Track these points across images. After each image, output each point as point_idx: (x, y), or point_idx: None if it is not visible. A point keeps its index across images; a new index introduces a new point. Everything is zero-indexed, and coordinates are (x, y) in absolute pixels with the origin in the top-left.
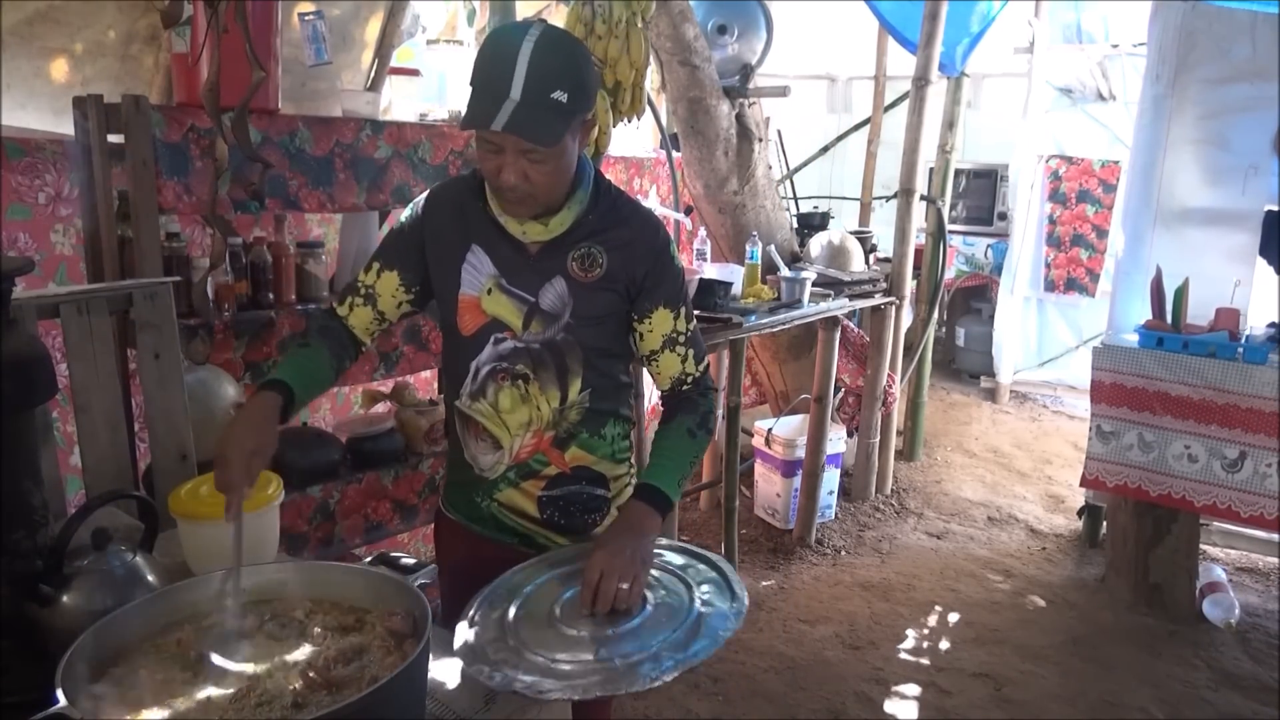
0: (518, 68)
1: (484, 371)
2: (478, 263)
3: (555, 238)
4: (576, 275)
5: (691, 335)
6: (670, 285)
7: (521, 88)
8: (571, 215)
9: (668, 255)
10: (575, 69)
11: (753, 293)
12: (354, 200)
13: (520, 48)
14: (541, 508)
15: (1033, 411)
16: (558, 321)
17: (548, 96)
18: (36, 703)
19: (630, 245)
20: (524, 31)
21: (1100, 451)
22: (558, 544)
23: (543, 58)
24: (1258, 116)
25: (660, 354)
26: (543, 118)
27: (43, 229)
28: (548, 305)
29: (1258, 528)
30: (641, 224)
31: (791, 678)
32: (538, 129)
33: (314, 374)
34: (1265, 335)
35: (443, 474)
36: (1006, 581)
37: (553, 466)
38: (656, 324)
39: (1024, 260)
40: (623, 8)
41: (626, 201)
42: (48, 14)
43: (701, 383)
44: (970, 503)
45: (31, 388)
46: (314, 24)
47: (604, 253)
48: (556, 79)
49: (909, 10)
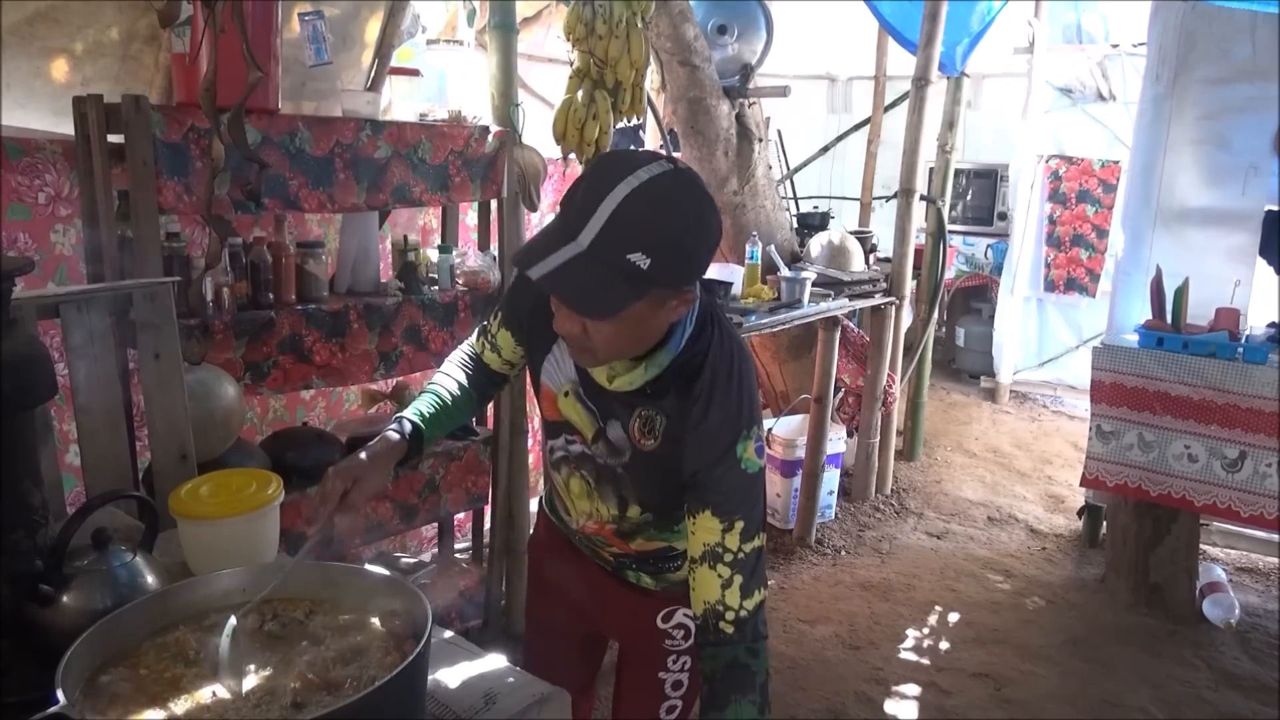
0: (600, 210)
1: (559, 454)
2: (560, 361)
3: (621, 393)
4: (634, 436)
5: (746, 560)
6: (723, 492)
7: (594, 237)
8: (644, 377)
9: (730, 454)
10: (675, 231)
11: (753, 293)
12: (354, 200)
13: (616, 187)
14: (619, 562)
15: (1033, 411)
16: (618, 458)
17: (623, 257)
18: (36, 703)
19: (693, 428)
20: (634, 167)
21: (1100, 451)
22: (645, 582)
23: (636, 207)
24: (1258, 116)
25: (699, 567)
26: (604, 280)
27: (43, 229)
28: (612, 437)
29: (1258, 528)
30: (714, 408)
31: (791, 678)
32: (590, 294)
33: (451, 404)
34: (1265, 335)
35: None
36: (1006, 581)
37: (616, 548)
38: (700, 527)
39: (1024, 260)
40: (623, 8)
41: (711, 370)
42: (48, 14)
43: (747, 627)
44: (970, 503)
45: (31, 388)
46: (314, 24)
47: (662, 425)
48: (643, 238)
49: (909, 10)
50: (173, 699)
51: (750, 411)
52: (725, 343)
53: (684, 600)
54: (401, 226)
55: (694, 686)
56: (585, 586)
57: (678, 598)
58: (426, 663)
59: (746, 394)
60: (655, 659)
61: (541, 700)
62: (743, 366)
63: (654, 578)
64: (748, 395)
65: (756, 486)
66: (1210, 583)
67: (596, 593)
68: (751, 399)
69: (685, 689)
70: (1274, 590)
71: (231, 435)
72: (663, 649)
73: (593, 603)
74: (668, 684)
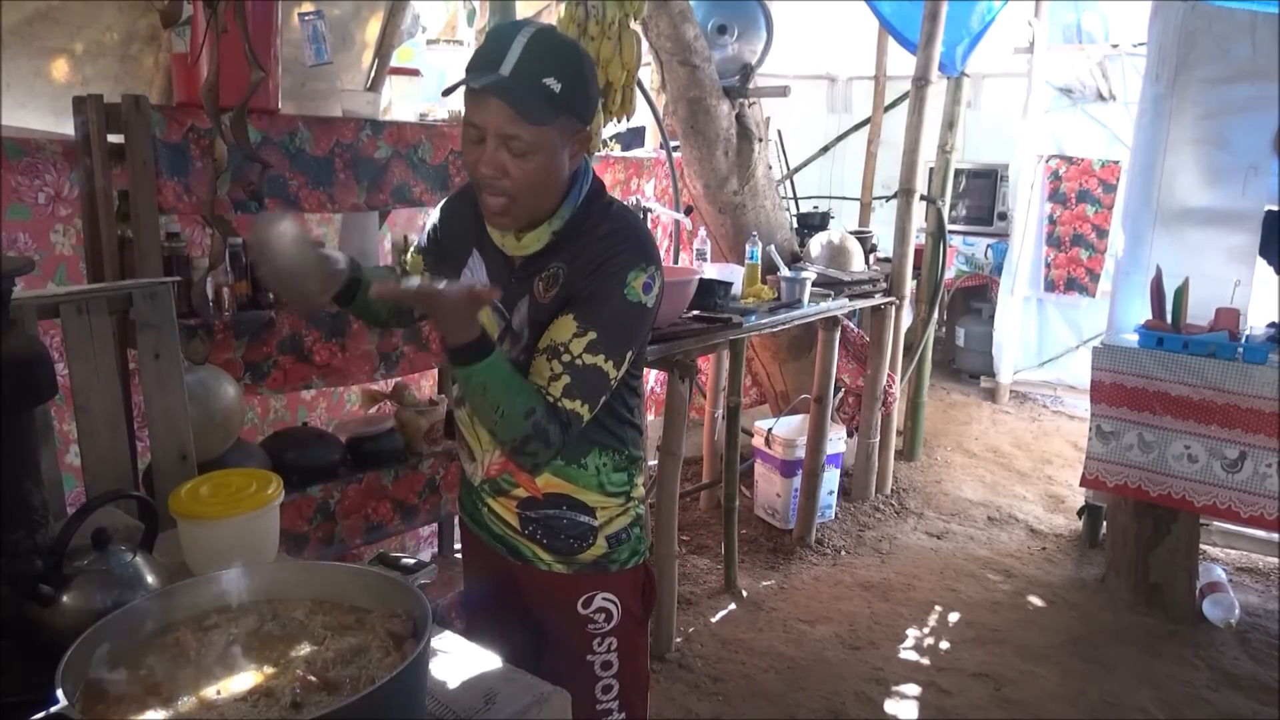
0: (513, 46)
1: None
2: (474, 269)
3: (530, 254)
4: (537, 295)
5: (582, 369)
6: (594, 304)
7: (513, 66)
8: (548, 231)
9: (618, 278)
10: (574, 65)
11: (753, 293)
12: (354, 200)
13: (520, 30)
14: (523, 524)
15: (1033, 411)
16: (519, 344)
17: (539, 80)
18: (36, 703)
19: (592, 259)
20: (526, 22)
21: (1100, 451)
22: (543, 560)
23: (541, 44)
24: (1258, 116)
25: (538, 356)
26: (530, 97)
27: (43, 229)
28: (515, 325)
29: (1258, 528)
30: (614, 241)
31: (791, 678)
32: (524, 102)
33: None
34: (1265, 335)
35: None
36: (1006, 581)
37: (522, 489)
38: (556, 326)
39: (1024, 260)
40: (615, 8)
41: (612, 218)
42: (48, 14)
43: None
44: (970, 503)
45: (31, 388)
46: (314, 24)
47: (565, 270)
48: (551, 67)
49: (909, 10)
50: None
51: (650, 251)
52: (621, 206)
53: (601, 584)
54: (401, 226)
55: (624, 668)
56: (506, 579)
57: (595, 581)
58: (426, 663)
59: (647, 238)
60: (581, 643)
61: (541, 700)
62: (639, 221)
63: (564, 560)
64: (648, 239)
65: (629, 317)
66: (1210, 583)
67: (519, 583)
68: (652, 244)
69: (616, 669)
70: (1274, 590)
71: (231, 435)
72: (587, 633)
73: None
74: (597, 665)
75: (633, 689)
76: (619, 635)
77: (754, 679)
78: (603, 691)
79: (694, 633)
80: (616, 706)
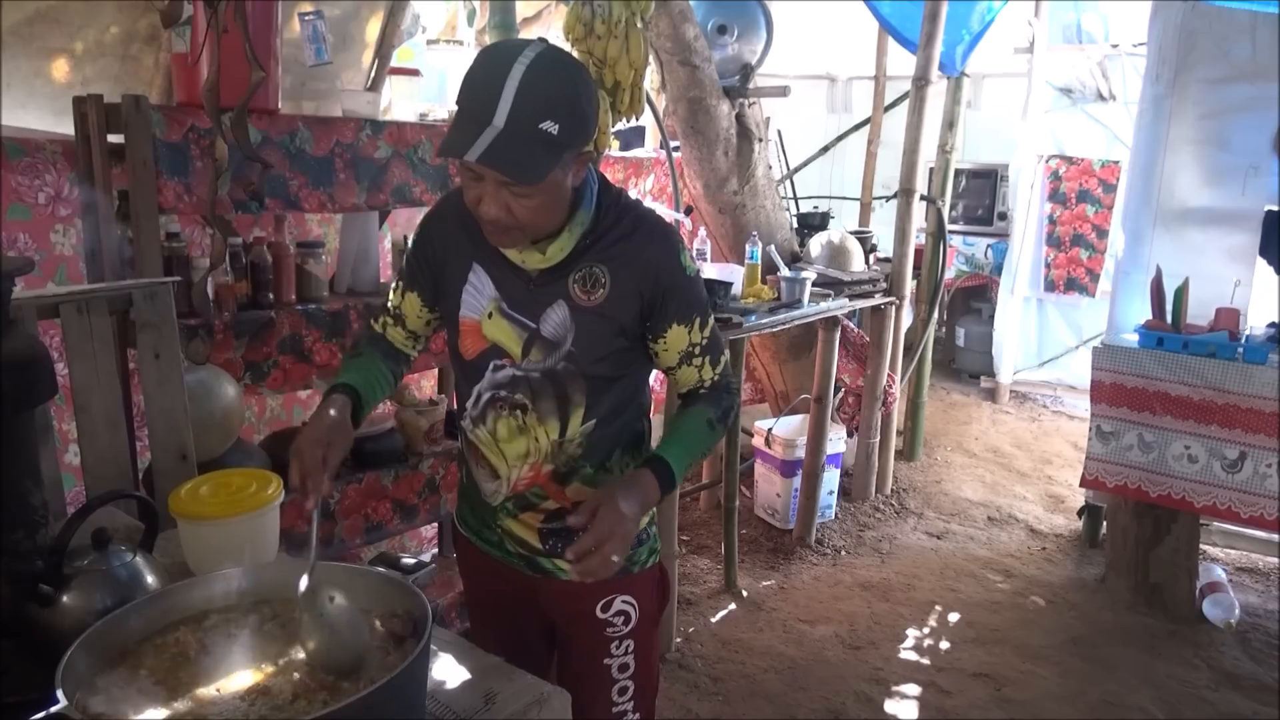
0: (505, 92)
1: (484, 398)
2: (479, 284)
3: (555, 265)
4: (579, 299)
5: (708, 342)
6: (682, 299)
7: (507, 115)
8: (572, 240)
9: (678, 267)
10: (571, 98)
11: (753, 293)
12: (354, 200)
13: (510, 70)
14: (543, 539)
15: (1033, 411)
16: (559, 350)
17: (536, 127)
18: (36, 703)
19: (635, 261)
20: (518, 51)
21: (1100, 451)
22: (563, 570)
23: (534, 83)
24: (1258, 116)
25: (678, 370)
26: (527, 150)
27: (43, 229)
28: (549, 332)
29: (1258, 528)
30: (647, 236)
31: (791, 678)
32: (520, 164)
33: (375, 379)
34: (1265, 335)
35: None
36: (1006, 581)
37: (551, 501)
38: (672, 342)
39: (1024, 260)
40: (622, 8)
41: (631, 211)
42: (48, 14)
43: (720, 382)
44: (970, 503)
45: (31, 388)
46: (314, 24)
47: (607, 271)
48: (548, 108)
49: (909, 10)
50: (173, 699)
51: (665, 224)
52: (625, 194)
53: (621, 587)
54: (401, 226)
55: (640, 668)
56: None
57: (615, 584)
58: (426, 663)
59: (656, 215)
60: (598, 648)
61: (541, 700)
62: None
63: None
64: (656, 215)
65: (699, 286)
66: (1210, 583)
67: (534, 592)
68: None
69: (633, 670)
70: (1274, 590)
71: (231, 435)
72: (605, 637)
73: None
74: (614, 668)
75: (646, 689)
76: (636, 637)
77: (754, 679)
78: (619, 693)
79: (694, 633)
80: (631, 708)
